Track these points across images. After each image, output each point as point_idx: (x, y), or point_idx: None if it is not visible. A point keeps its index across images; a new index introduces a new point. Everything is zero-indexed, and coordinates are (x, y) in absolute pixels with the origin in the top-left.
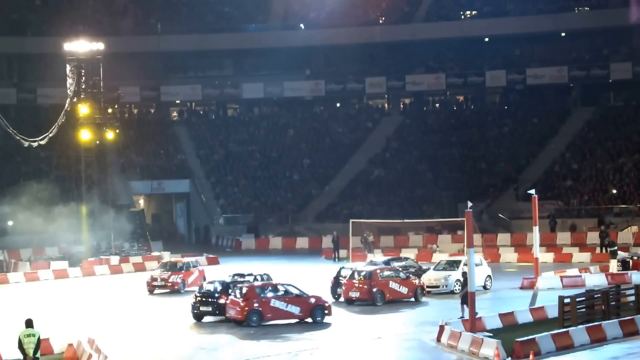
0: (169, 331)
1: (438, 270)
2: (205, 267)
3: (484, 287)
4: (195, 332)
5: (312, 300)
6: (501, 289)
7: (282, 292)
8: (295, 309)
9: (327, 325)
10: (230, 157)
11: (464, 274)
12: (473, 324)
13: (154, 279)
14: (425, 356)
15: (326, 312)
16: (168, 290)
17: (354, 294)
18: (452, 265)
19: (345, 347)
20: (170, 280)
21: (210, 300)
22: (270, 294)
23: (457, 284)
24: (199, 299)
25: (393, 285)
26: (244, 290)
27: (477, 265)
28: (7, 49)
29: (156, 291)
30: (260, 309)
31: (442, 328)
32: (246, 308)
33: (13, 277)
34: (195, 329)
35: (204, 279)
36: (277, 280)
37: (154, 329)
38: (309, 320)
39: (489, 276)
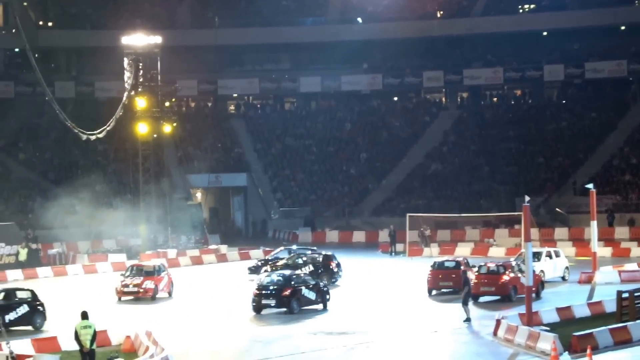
0: (226, 324)
1: (519, 261)
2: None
3: (563, 278)
4: (254, 324)
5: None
6: (559, 283)
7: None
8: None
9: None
10: (288, 150)
11: (465, 272)
12: (530, 317)
13: (125, 285)
14: (482, 350)
15: (542, 287)
16: (134, 298)
17: (487, 289)
18: (533, 256)
19: (401, 340)
20: (143, 286)
21: (271, 292)
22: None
23: (541, 273)
24: (260, 292)
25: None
26: (500, 267)
27: (556, 256)
28: (66, 42)
29: (124, 298)
30: (515, 285)
31: (498, 322)
32: (509, 285)
33: (71, 269)
34: (255, 321)
35: (172, 285)
36: None
37: (210, 321)
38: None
39: (567, 267)
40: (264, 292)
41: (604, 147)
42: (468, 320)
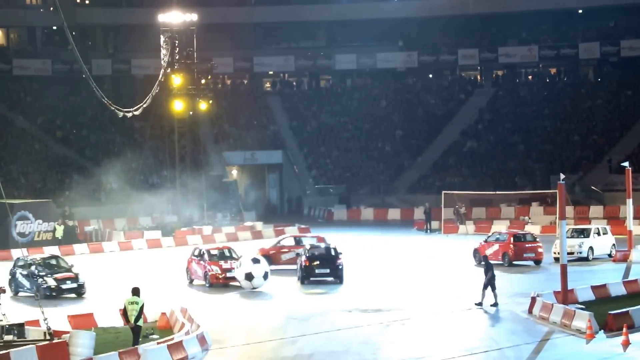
0: (262, 301)
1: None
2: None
3: (609, 255)
4: (289, 301)
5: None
6: (594, 262)
7: None
8: None
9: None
10: (323, 128)
11: (485, 257)
12: (565, 296)
13: (226, 270)
14: (517, 328)
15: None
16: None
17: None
18: (582, 233)
19: (435, 317)
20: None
21: (327, 262)
22: None
23: (590, 251)
24: (315, 262)
25: None
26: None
27: (604, 233)
28: (103, 20)
29: (216, 284)
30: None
31: (533, 300)
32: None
33: (108, 246)
34: (290, 298)
35: None
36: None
37: (246, 298)
38: None
39: (613, 244)
40: (315, 261)
41: None
42: (480, 304)
